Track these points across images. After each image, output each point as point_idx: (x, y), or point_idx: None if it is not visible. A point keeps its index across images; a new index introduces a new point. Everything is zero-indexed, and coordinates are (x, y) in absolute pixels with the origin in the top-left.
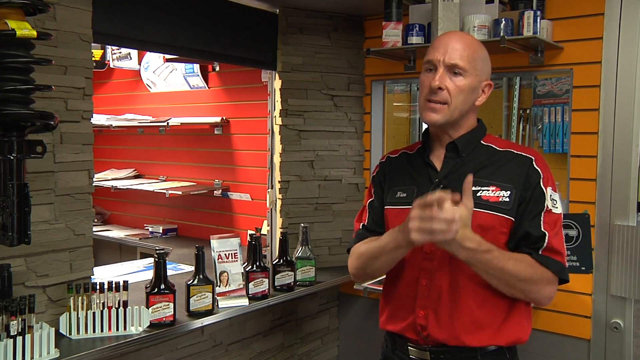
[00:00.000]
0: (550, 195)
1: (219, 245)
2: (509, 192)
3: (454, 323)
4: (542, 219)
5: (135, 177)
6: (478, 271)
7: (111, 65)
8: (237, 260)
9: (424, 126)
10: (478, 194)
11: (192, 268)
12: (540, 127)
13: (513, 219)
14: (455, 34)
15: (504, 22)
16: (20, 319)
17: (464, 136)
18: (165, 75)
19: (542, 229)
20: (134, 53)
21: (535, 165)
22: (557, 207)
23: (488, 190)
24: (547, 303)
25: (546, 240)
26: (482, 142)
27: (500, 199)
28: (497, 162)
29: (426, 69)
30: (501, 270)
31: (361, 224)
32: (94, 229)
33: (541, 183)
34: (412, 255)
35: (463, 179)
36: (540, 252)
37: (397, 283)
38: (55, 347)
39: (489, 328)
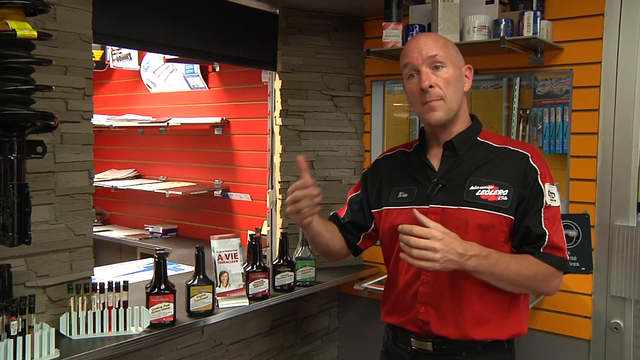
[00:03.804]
0: (549, 190)
1: (219, 245)
2: (507, 191)
3: (456, 319)
4: (542, 215)
5: (135, 177)
6: (486, 277)
7: (111, 66)
8: (237, 261)
9: None
10: (477, 194)
11: (192, 268)
12: (540, 127)
13: (512, 218)
14: (421, 34)
15: (503, 22)
16: (20, 319)
17: (460, 134)
18: (166, 76)
19: (543, 227)
20: (134, 53)
21: (532, 162)
22: (555, 201)
23: (487, 190)
24: (555, 293)
25: (547, 239)
26: (478, 138)
27: (499, 198)
28: (494, 160)
29: (408, 76)
30: (506, 269)
31: (333, 213)
32: (94, 229)
33: (539, 179)
34: None
35: (461, 178)
36: (542, 250)
37: (398, 277)
38: (55, 347)
39: (490, 322)
